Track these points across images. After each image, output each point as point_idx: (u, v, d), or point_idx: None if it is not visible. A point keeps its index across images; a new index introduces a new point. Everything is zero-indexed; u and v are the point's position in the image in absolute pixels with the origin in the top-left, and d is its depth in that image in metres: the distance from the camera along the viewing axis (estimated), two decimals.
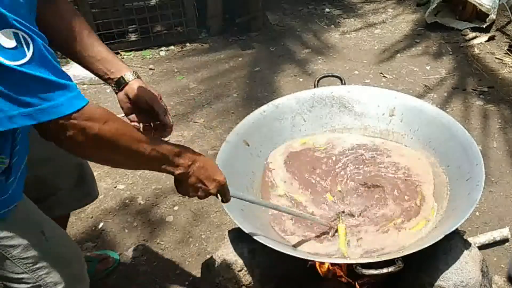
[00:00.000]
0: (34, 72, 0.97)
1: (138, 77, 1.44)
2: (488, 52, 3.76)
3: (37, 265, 1.32)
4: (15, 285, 1.34)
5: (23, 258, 1.29)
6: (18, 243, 1.27)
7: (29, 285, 1.34)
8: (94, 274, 2.08)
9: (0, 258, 1.27)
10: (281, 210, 1.59)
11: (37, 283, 1.34)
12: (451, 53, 3.81)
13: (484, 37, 3.89)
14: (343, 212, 1.65)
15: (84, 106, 1.04)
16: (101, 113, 1.09)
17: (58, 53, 3.64)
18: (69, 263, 1.43)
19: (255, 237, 1.41)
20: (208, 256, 1.71)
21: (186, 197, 1.37)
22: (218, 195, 1.37)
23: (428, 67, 3.66)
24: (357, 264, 1.34)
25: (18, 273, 1.31)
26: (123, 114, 1.51)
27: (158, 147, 1.20)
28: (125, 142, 1.12)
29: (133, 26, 3.91)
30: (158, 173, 2.67)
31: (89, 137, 1.05)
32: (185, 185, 1.30)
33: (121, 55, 3.82)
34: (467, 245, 1.55)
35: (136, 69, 3.67)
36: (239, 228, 1.46)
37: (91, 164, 1.75)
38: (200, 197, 1.34)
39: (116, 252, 2.24)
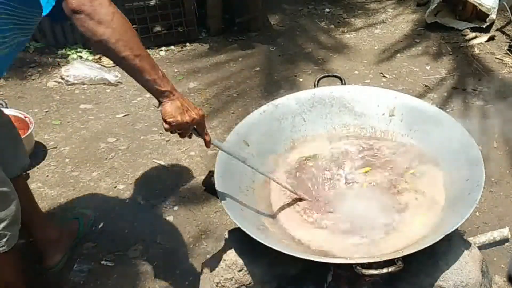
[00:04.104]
0: None
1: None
2: (488, 52, 3.76)
3: None
4: None
5: None
6: None
7: None
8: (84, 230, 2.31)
9: None
10: (269, 177, 1.66)
11: None
12: (451, 53, 3.81)
13: (484, 37, 3.89)
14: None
15: None
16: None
17: (58, 53, 3.63)
18: (10, 203, 1.59)
19: (255, 237, 1.41)
20: (208, 256, 1.71)
21: (168, 133, 1.47)
22: (198, 133, 1.47)
23: (428, 67, 3.66)
24: (357, 264, 1.34)
25: None
26: (123, 114, 1.59)
27: (152, 59, 1.37)
28: (131, 31, 1.31)
29: (134, 26, 3.91)
30: (157, 173, 2.69)
31: (109, 11, 1.24)
32: (171, 107, 1.36)
33: None
34: (467, 245, 1.55)
35: None
36: (239, 228, 1.46)
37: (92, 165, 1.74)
38: (185, 128, 1.40)
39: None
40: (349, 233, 1.57)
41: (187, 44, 4.02)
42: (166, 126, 1.39)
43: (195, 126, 1.44)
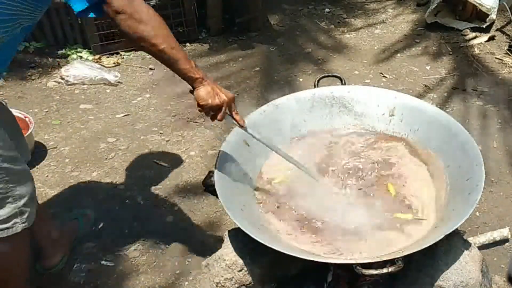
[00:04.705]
0: None
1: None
2: (488, 52, 3.76)
3: (7, 178, 1.56)
4: None
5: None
6: None
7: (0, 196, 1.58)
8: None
9: None
10: (287, 159, 1.71)
11: (7, 194, 1.58)
12: (451, 53, 3.81)
13: (484, 37, 3.89)
14: None
15: None
16: None
17: (58, 53, 3.61)
18: (28, 180, 1.67)
19: (255, 237, 1.41)
20: (208, 256, 1.70)
21: (203, 114, 1.63)
22: (228, 114, 1.59)
23: (428, 67, 3.66)
24: (357, 264, 1.34)
25: None
26: (123, 114, 1.65)
27: (184, 51, 1.50)
28: (166, 27, 1.47)
29: None
30: (157, 173, 2.68)
31: (147, 9, 1.43)
32: (203, 92, 1.53)
33: (121, 55, 3.82)
34: (467, 245, 1.55)
35: (136, 69, 3.69)
36: (239, 228, 1.46)
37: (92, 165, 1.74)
38: (216, 109, 1.55)
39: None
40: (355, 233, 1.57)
41: (187, 44, 4.02)
42: (200, 109, 1.57)
43: (227, 109, 1.58)
